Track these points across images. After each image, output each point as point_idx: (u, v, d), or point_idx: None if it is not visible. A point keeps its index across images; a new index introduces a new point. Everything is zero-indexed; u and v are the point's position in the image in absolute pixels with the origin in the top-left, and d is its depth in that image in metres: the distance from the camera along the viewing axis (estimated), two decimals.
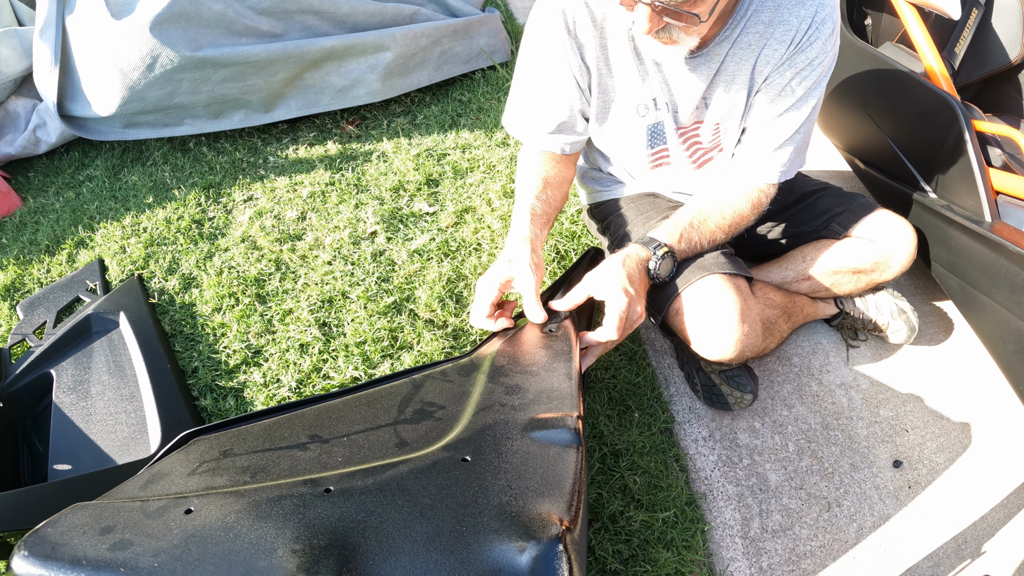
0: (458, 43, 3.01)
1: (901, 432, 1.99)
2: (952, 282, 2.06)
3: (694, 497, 1.71)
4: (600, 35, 1.49)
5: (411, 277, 2.05)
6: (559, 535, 0.84)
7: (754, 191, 1.68)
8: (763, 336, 1.69)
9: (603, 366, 1.87)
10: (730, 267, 1.63)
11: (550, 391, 1.20)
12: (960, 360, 2.22)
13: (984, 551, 1.84)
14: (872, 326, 2.09)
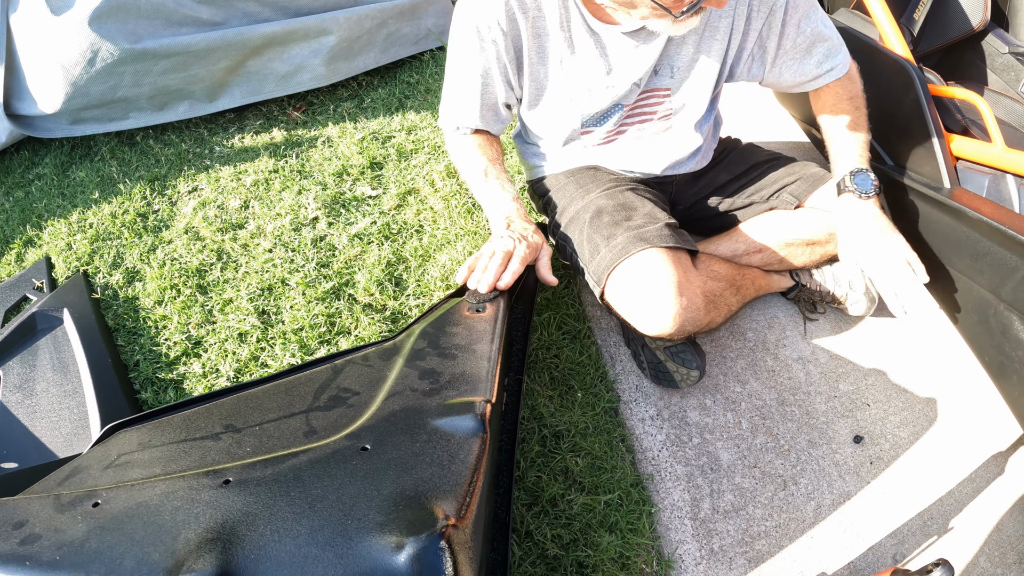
0: (405, 24, 2.96)
1: (862, 407, 1.92)
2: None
3: (640, 478, 1.64)
4: (532, 24, 1.45)
5: (351, 262, 2.00)
6: (442, 531, 0.79)
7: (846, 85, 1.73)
8: (705, 309, 1.63)
9: (544, 345, 1.81)
10: (671, 240, 1.57)
11: (464, 375, 1.15)
12: (922, 331, 2.15)
13: (951, 527, 1.79)
14: (830, 298, 2.02)
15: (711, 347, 1.93)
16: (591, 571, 1.47)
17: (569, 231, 1.70)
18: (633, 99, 1.61)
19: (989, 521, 1.88)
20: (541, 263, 1.54)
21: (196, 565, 0.77)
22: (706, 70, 1.60)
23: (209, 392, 1.24)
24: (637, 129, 1.68)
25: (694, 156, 1.84)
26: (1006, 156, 1.80)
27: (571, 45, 1.49)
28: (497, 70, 1.52)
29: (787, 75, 1.68)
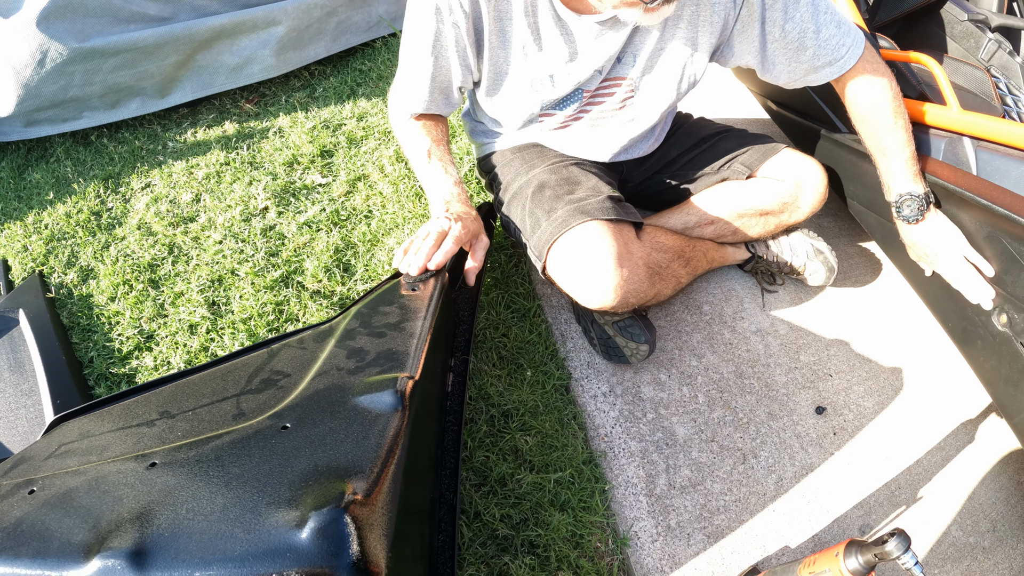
0: (355, 12, 2.93)
1: (824, 377, 1.89)
2: (871, 219, 1.97)
3: (593, 455, 1.61)
4: (495, 7, 1.41)
5: (299, 250, 1.97)
6: (346, 506, 0.77)
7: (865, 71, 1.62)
8: (650, 281, 1.59)
9: (493, 325, 1.77)
10: (613, 212, 1.54)
11: (390, 352, 1.13)
12: (886, 300, 2.12)
13: (920, 497, 1.76)
14: (788, 269, 1.98)
15: (665, 321, 1.89)
16: (543, 551, 1.44)
17: (512, 206, 1.67)
18: (595, 85, 1.57)
19: (960, 489, 1.84)
20: (476, 253, 1.51)
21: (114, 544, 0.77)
22: (671, 60, 1.55)
23: (150, 381, 1.22)
24: (596, 115, 1.65)
25: (644, 144, 1.82)
26: (961, 119, 1.77)
27: (535, 31, 1.45)
28: (456, 53, 1.48)
29: (781, 71, 1.62)
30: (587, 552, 1.47)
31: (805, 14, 1.49)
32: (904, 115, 1.63)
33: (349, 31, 2.96)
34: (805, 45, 1.54)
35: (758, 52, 1.58)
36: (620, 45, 1.48)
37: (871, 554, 1.22)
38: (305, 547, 0.74)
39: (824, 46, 1.54)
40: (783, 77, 1.62)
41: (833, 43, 1.54)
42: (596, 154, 1.74)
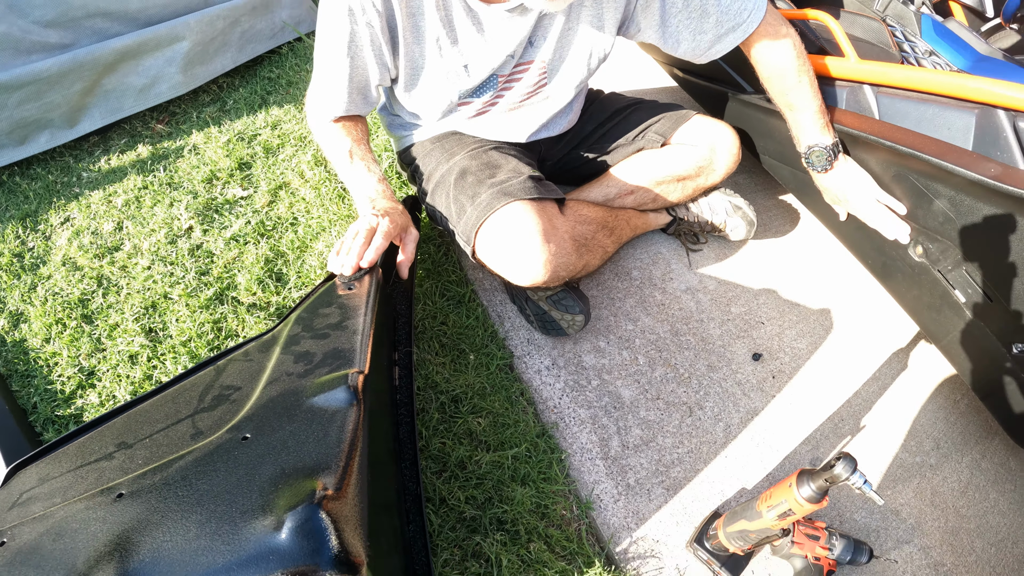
0: (259, 20, 2.90)
1: (756, 325, 1.95)
2: (784, 171, 2.03)
3: (545, 428, 1.64)
4: (407, 3, 1.42)
5: (229, 265, 1.96)
6: (319, 501, 0.79)
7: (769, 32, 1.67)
8: (577, 253, 1.63)
9: (430, 315, 1.79)
10: (535, 191, 1.58)
11: (337, 351, 1.14)
12: (807, 246, 2.20)
13: (863, 426, 1.83)
14: (710, 227, 2.04)
15: (598, 291, 1.93)
16: (511, 525, 1.47)
17: (436, 196, 1.69)
18: (509, 70, 1.60)
19: (900, 414, 1.92)
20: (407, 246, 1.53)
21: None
22: (580, 39, 1.59)
23: (101, 416, 1.21)
24: (512, 98, 1.67)
25: (563, 121, 1.85)
26: (860, 68, 1.84)
27: (448, 24, 1.47)
28: (371, 52, 1.48)
29: (687, 42, 1.66)
30: (554, 521, 1.51)
31: None
32: (809, 70, 1.70)
33: (254, 40, 2.93)
34: (708, 12, 1.59)
35: (660, 26, 1.62)
36: (529, 29, 1.51)
37: (821, 479, 1.28)
38: (286, 547, 0.75)
39: (727, 11, 1.59)
40: (690, 48, 1.67)
41: (735, 7, 1.59)
42: (514, 135, 1.77)
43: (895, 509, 1.77)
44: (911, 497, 1.81)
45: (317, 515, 0.77)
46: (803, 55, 1.68)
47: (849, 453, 1.27)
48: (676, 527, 1.55)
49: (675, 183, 1.90)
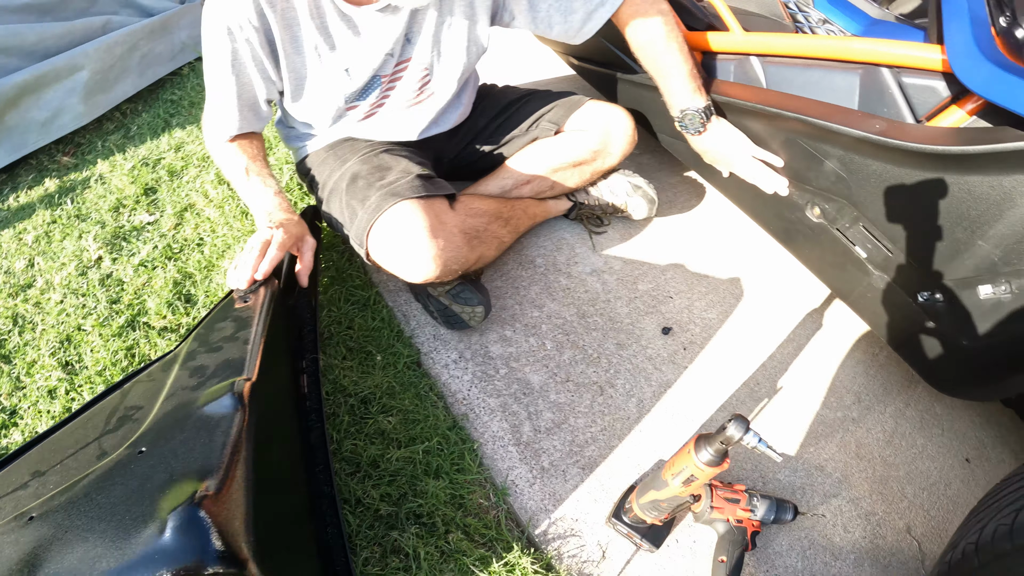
0: (158, 43, 2.90)
1: (665, 300, 1.97)
2: (681, 147, 2.06)
3: (456, 420, 1.65)
4: (282, 16, 1.44)
5: (139, 291, 1.96)
6: (199, 502, 0.81)
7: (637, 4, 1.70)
8: (468, 246, 1.65)
9: (336, 320, 1.80)
10: (423, 189, 1.59)
11: (228, 362, 1.17)
12: (712, 219, 2.23)
13: (780, 387, 1.85)
14: (612, 209, 2.07)
15: (502, 281, 1.95)
16: (428, 518, 1.48)
17: (331, 203, 1.70)
18: (390, 70, 1.62)
19: (819, 373, 1.95)
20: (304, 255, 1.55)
21: None
22: (455, 32, 1.62)
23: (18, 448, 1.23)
24: (398, 97, 1.69)
25: (453, 115, 1.87)
26: (745, 39, 1.88)
27: (324, 31, 1.49)
28: (255, 68, 1.51)
29: (559, 24, 1.70)
30: (471, 510, 1.51)
31: None
32: (678, 36, 1.73)
33: (155, 63, 2.92)
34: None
35: (529, 11, 1.65)
36: (403, 26, 1.53)
37: (717, 442, 1.30)
38: (171, 547, 0.77)
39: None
40: (563, 29, 1.70)
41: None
42: (405, 134, 1.79)
43: (819, 465, 1.80)
44: (835, 451, 1.84)
45: (197, 514, 0.80)
46: (672, 22, 1.72)
47: (740, 414, 1.29)
48: (595, 504, 1.56)
49: (571, 169, 1.93)
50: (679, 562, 1.52)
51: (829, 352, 2.06)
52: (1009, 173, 1.42)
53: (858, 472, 1.82)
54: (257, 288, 1.41)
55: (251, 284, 1.40)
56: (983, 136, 1.45)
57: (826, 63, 1.79)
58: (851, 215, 1.72)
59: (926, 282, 1.64)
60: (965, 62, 1.50)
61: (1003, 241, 1.48)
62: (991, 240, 1.50)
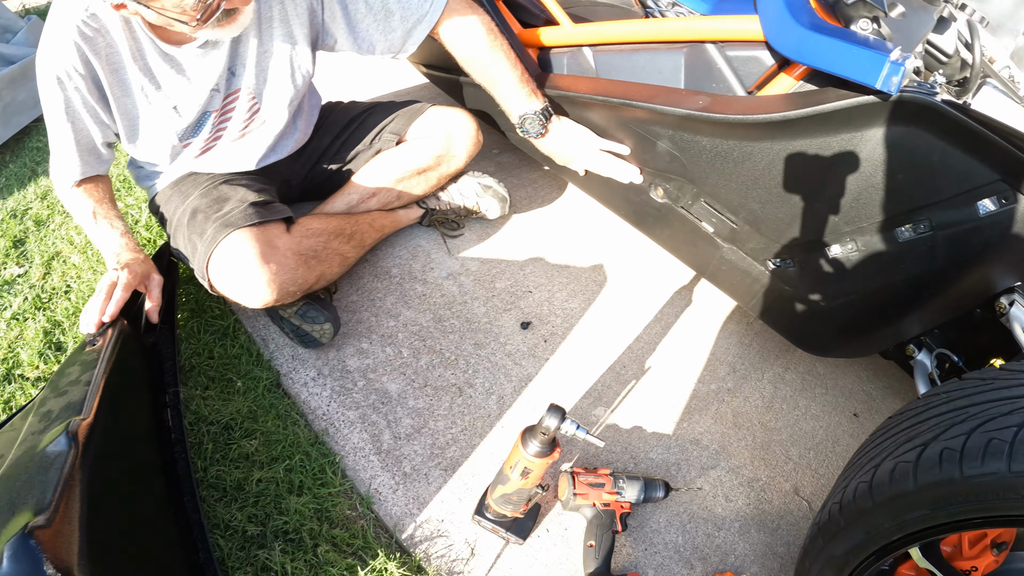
0: (19, 91, 2.87)
1: (524, 295, 2.02)
2: (529, 146, 2.10)
3: (317, 436, 1.69)
4: (107, 61, 1.48)
5: (13, 344, 1.99)
6: (30, 532, 0.87)
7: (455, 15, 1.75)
8: (305, 267, 1.70)
9: (196, 351, 1.84)
10: (256, 216, 1.64)
11: (69, 404, 1.22)
12: (572, 211, 2.28)
13: (648, 367, 1.90)
14: (464, 211, 2.11)
15: (358, 295, 1.99)
16: (294, 534, 1.51)
17: (177, 238, 1.74)
18: (219, 104, 1.66)
19: (690, 349, 2.00)
20: (152, 292, 1.59)
21: None
22: (278, 59, 1.66)
23: None
24: (232, 129, 1.73)
25: (290, 141, 1.91)
26: (574, 32, 1.92)
27: (148, 72, 1.53)
28: (87, 113, 1.54)
29: (381, 43, 1.75)
30: (338, 522, 1.56)
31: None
32: (502, 43, 1.78)
33: (18, 112, 2.89)
34: (391, 10, 1.66)
35: (350, 33, 1.70)
36: (226, 60, 1.58)
37: (539, 433, 1.34)
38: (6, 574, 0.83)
39: (408, 5, 1.67)
40: (386, 47, 1.76)
41: (416, 1, 1.66)
42: (244, 164, 1.83)
43: (695, 439, 1.85)
44: (711, 424, 1.89)
45: (27, 543, 0.85)
46: (494, 31, 1.76)
47: (555, 404, 1.33)
48: (459, 504, 1.61)
49: (417, 177, 1.97)
50: (552, 551, 1.57)
51: (700, 327, 2.10)
52: (836, 133, 1.48)
53: (737, 441, 1.87)
54: (105, 330, 1.45)
55: (100, 327, 1.45)
56: (805, 100, 1.51)
57: (652, 46, 1.84)
58: (692, 192, 1.77)
59: (775, 249, 1.71)
60: (778, 29, 1.55)
61: (840, 200, 1.55)
62: (828, 201, 1.56)
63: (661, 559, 1.61)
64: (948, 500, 1.01)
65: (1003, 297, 1.51)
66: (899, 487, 1.07)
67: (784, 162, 1.57)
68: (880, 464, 1.13)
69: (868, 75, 1.33)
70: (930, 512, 1.04)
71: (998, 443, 0.95)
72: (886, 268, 1.58)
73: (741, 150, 1.63)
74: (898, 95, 1.32)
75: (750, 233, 1.74)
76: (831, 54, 1.41)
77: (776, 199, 1.64)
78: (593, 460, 1.74)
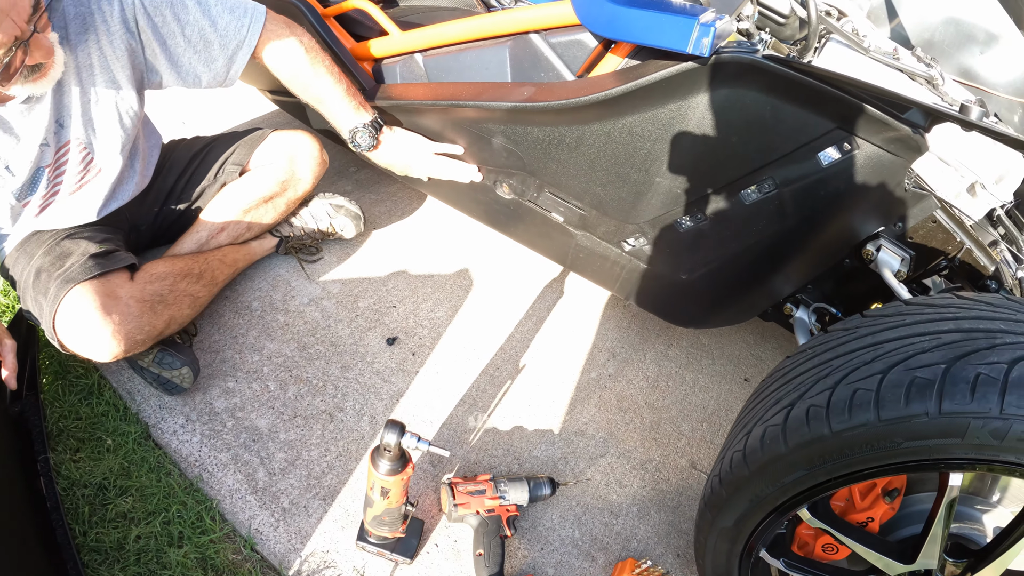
0: None
1: (388, 311, 2.03)
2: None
3: (192, 484, 1.69)
4: None
5: None
6: None
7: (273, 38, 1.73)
8: (152, 312, 1.68)
9: (63, 414, 1.81)
10: (95, 268, 1.62)
11: None
12: (431, 221, 2.29)
13: (523, 366, 1.92)
14: (320, 235, 2.12)
15: (220, 334, 1.98)
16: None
17: (26, 300, 1.72)
18: (51, 158, 1.62)
19: (566, 340, 2.04)
20: (5, 358, 1.55)
21: None
22: (103, 105, 1.63)
23: None
24: (69, 183, 1.69)
25: (129, 186, 1.87)
26: (403, 40, 1.92)
27: None
28: None
29: (205, 74, 1.72)
30: (223, 568, 1.57)
31: (196, 13, 1.62)
32: (324, 59, 1.78)
33: None
34: (209, 40, 1.65)
35: (172, 67, 1.68)
36: (50, 113, 1.54)
37: (384, 452, 1.35)
38: None
39: (225, 33, 1.66)
40: (211, 78, 1.74)
41: (232, 27, 1.66)
42: (85, 216, 1.80)
43: (579, 430, 1.87)
44: (595, 412, 1.91)
45: None
46: (315, 48, 1.77)
47: (392, 419, 1.35)
48: (343, 532, 1.63)
49: (264, 205, 1.97)
50: (443, 565, 1.61)
51: (574, 318, 2.12)
52: (662, 105, 1.50)
53: (624, 425, 1.90)
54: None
55: None
56: (626, 76, 1.54)
57: (478, 44, 1.84)
58: (535, 184, 1.79)
59: (626, 230, 1.74)
60: (588, 9, 1.56)
61: (679, 172, 1.57)
62: (668, 174, 1.59)
63: (559, 556, 1.65)
64: (822, 457, 1.02)
65: (869, 244, 1.54)
66: (771, 451, 1.07)
67: (617, 141, 1.60)
68: (751, 431, 1.14)
69: (678, 40, 1.34)
70: (807, 472, 1.05)
71: (864, 393, 0.95)
72: (739, 232, 1.62)
73: (573, 135, 1.65)
74: (715, 57, 1.34)
75: (598, 217, 1.76)
76: (641, 25, 1.42)
77: (616, 179, 1.67)
78: (474, 467, 1.77)
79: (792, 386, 1.13)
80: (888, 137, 1.36)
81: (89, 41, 1.54)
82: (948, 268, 1.54)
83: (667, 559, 1.69)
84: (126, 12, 1.56)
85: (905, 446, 0.93)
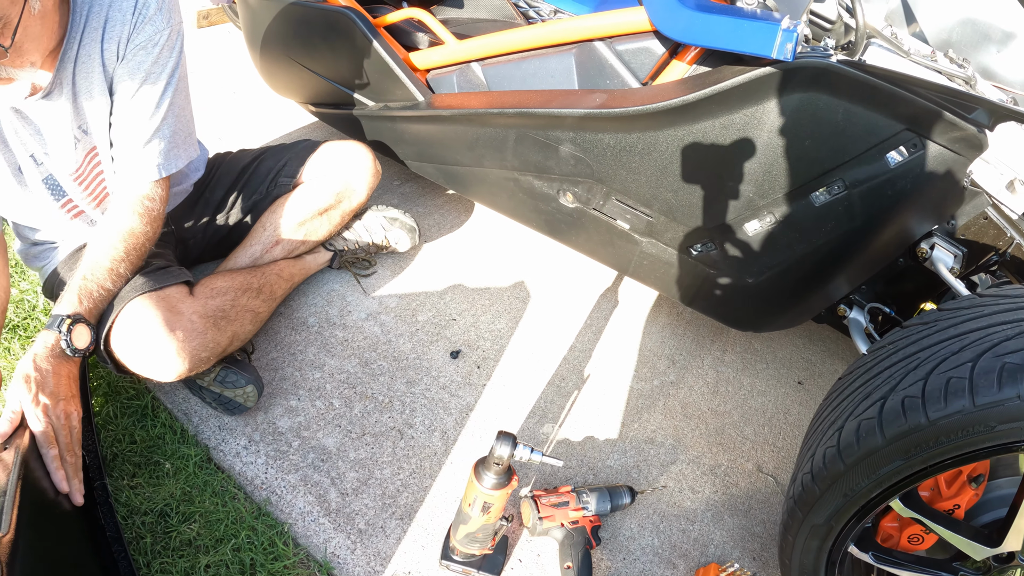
0: None
1: (448, 324, 1.97)
2: (430, 169, 2.06)
3: (260, 508, 1.60)
4: None
5: None
6: None
7: (136, 200, 1.53)
8: (216, 329, 1.59)
9: (116, 438, 1.72)
10: (153, 283, 1.52)
11: None
12: (484, 231, 2.24)
13: (588, 375, 1.89)
14: (374, 248, 2.06)
15: (277, 351, 1.90)
16: None
17: None
18: (82, 160, 1.53)
19: (624, 350, 1.99)
20: None
21: None
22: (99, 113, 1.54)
23: None
24: (90, 189, 1.61)
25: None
26: (459, 49, 1.89)
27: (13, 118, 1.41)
28: None
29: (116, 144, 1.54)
30: None
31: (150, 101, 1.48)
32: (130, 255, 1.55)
33: None
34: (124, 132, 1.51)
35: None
36: (70, 115, 1.45)
37: (492, 465, 1.29)
38: None
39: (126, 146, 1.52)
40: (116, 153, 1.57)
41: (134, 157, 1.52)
42: None
43: (649, 438, 1.83)
44: (662, 420, 1.88)
45: None
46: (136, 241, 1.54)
47: (503, 431, 1.28)
48: (423, 551, 1.54)
49: (319, 218, 1.90)
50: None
51: (631, 326, 2.09)
52: (737, 110, 1.50)
53: (690, 432, 1.86)
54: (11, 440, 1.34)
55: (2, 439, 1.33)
56: (701, 82, 1.53)
57: (540, 52, 1.82)
58: (602, 192, 1.76)
59: (694, 235, 1.72)
60: (665, 15, 1.56)
61: (751, 176, 1.56)
62: (740, 179, 1.58)
63: (642, 565, 1.59)
64: (919, 447, 1.03)
65: (923, 242, 1.56)
66: (868, 444, 1.08)
67: (690, 147, 1.58)
68: (844, 426, 1.14)
69: (763, 46, 1.34)
70: (904, 462, 1.06)
71: (957, 381, 0.98)
72: (807, 234, 1.60)
73: (645, 142, 1.62)
74: (793, 62, 1.34)
75: (667, 223, 1.74)
76: (723, 31, 1.42)
77: (687, 185, 1.65)
78: (551, 479, 1.70)
79: (880, 380, 1.14)
80: (954, 136, 1.37)
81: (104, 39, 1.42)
82: (998, 263, 1.56)
83: (744, 563, 1.64)
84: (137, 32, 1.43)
85: (999, 429, 0.96)
